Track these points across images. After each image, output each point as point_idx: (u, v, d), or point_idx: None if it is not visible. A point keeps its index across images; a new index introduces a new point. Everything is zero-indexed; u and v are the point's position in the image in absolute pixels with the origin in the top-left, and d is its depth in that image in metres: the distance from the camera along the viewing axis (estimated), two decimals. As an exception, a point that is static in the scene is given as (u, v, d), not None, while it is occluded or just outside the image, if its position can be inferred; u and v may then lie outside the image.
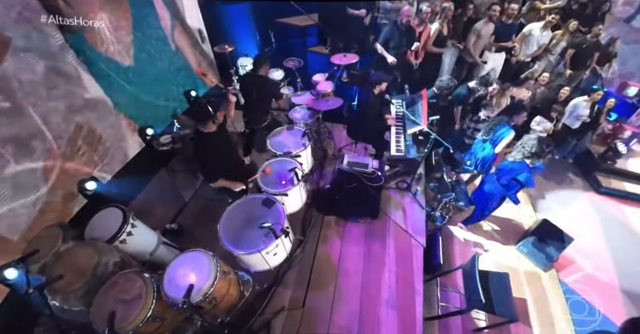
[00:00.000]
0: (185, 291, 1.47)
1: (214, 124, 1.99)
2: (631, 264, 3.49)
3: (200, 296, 1.55)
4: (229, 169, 2.22)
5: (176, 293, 1.53)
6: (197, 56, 4.59)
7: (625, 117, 4.45)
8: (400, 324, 2.35)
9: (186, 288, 1.49)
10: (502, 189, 2.83)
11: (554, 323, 2.83)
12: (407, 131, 2.80)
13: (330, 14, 4.08)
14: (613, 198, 4.32)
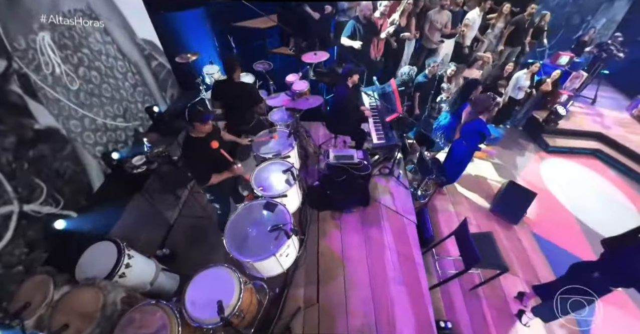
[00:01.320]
0: (214, 309, 1.45)
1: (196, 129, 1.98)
2: (584, 207, 4.11)
3: (230, 310, 1.54)
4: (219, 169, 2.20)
5: (205, 314, 1.50)
6: (153, 69, 4.33)
7: (561, 84, 5.14)
8: (410, 298, 2.52)
9: (214, 306, 1.47)
10: (467, 147, 3.16)
11: (534, 268, 3.24)
12: (386, 119, 2.97)
13: (290, 14, 4.09)
14: (560, 154, 5.00)
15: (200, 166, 2.06)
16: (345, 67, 2.98)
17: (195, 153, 2.02)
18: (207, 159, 2.07)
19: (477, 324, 2.72)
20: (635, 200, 4.40)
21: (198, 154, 2.02)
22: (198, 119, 1.92)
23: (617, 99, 6.07)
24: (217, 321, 1.43)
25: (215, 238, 2.80)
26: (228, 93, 2.83)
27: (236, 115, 2.98)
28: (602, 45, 4.89)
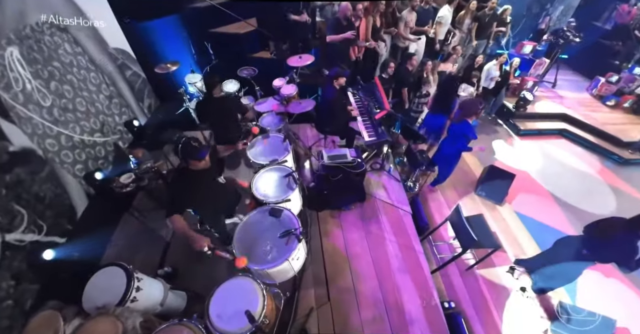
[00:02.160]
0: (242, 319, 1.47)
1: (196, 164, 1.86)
2: (558, 183, 4.48)
3: (257, 318, 1.56)
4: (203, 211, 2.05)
5: (233, 325, 1.51)
6: (127, 79, 4.16)
7: (526, 71, 5.54)
8: (415, 284, 2.66)
9: (241, 317, 1.49)
10: (457, 149, 3.35)
11: (520, 244, 3.52)
12: (375, 116, 3.07)
13: (271, 18, 4.07)
14: (531, 137, 5.40)
15: (180, 200, 1.87)
16: (332, 70, 3.04)
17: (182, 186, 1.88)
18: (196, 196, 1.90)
19: (477, 301, 2.92)
20: (601, 172, 4.88)
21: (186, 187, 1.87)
22: (193, 157, 1.81)
23: (577, 81, 6.64)
24: (248, 330, 1.45)
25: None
26: (211, 111, 2.78)
27: (223, 129, 2.95)
28: (558, 32, 5.32)
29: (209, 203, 2.04)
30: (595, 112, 5.74)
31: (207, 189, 1.99)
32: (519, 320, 2.83)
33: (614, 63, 6.20)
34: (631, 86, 5.78)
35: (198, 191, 1.90)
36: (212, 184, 2.08)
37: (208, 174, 2.00)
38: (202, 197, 1.93)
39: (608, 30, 6.56)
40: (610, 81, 5.82)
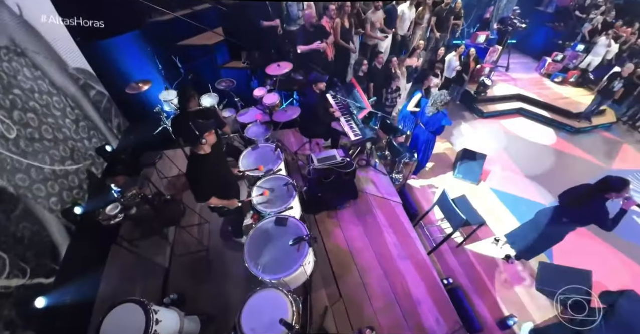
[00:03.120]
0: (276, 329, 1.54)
1: (204, 145, 2.00)
2: (523, 157, 4.98)
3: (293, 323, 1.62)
4: (222, 189, 2.25)
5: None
6: (92, 100, 3.93)
7: (482, 59, 6.01)
8: (416, 268, 2.88)
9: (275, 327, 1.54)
10: (432, 135, 3.61)
11: (499, 216, 3.89)
12: (358, 116, 3.21)
13: (240, 26, 4.02)
14: (493, 118, 5.91)
15: (204, 184, 2.08)
16: (312, 75, 3.12)
17: (200, 171, 2.03)
18: (212, 175, 2.10)
19: (470, 273, 3.23)
20: (557, 143, 5.49)
21: (204, 171, 2.04)
22: (207, 129, 1.97)
23: (526, 62, 7.33)
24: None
25: (220, 267, 2.82)
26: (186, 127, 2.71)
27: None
28: (506, 20, 5.84)
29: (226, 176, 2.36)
30: (546, 89, 6.41)
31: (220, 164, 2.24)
32: (509, 284, 3.17)
33: (558, 43, 6.93)
34: (575, 62, 6.53)
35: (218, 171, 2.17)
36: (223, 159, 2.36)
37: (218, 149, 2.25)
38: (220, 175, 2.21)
39: (550, 13, 7.30)
40: (556, 60, 6.52)
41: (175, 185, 3.75)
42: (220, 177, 2.26)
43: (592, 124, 5.78)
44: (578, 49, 6.41)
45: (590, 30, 6.49)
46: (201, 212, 3.18)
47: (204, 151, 2.03)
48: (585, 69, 6.41)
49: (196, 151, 2.04)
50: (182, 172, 3.76)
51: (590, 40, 6.46)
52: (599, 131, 5.98)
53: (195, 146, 2.01)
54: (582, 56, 6.39)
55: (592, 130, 5.90)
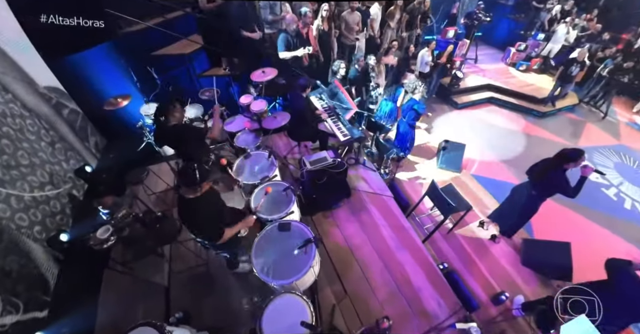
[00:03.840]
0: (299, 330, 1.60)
1: (197, 192, 1.84)
2: (497, 143, 5.31)
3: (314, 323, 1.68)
4: (228, 216, 2.17)
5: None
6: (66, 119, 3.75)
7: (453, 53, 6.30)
8: (413, 257, 3.04)
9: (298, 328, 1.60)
10: (408, 123, 3.80)
11: (482, 199, 4.16)
12: (345, 116, 3.31)
13: (218, 33, 3.96)
14: (467, 108, 6.25)
15: (210, 224, 1.93)
16: (300, 80, 3.16)
17: (202, 212, 1.88)
18: (213, 214, 1.97)
19: (462, 256, 3.44)
20: (525, 127, 5.90)
21: (205, 212, 1.89)
22: (209, 178, 1.83)
23: (493, 53, 7.76)
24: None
25: (223, 279, 2.81)
26: (170, 138, 2.63)
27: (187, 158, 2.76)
28: (472, 15, 6.17)
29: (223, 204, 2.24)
30: (512, 78, 6.86)
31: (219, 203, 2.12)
32: (498, 263, 3.42)
33: (520, 33, 7.41)
34: (537, 51, 7.02)
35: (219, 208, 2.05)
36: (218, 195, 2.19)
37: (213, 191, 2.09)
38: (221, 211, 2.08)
39: (511, 5, 7.78)
40: (519, 50, 6.99)
41: (164, 200, 3.66)
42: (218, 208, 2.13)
43: (556, 107, 6.26)
44: (539, 38, 6.90)
45: (549, 20, 7.00)
46: None
47: (195, 194, 1.84)
48: (547, 57, 6.92)
49: (184, 194, 1.84)
50: (170, 187, 3.69)
51: (550, 29, 6.97)
52: (564, 112, 6.50)
53: (187, 190, 1.83)
54: (543, 44, 6.89)
55: (557, 113, 6.39)
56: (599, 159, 5.44)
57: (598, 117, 6.48)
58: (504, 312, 2.88)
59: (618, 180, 5.03)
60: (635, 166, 5.41)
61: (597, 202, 4.55)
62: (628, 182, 5.00)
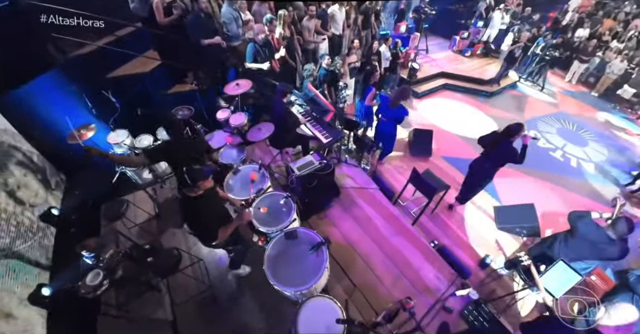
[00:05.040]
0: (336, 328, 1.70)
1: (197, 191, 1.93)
2: (457, 124, 5.83)
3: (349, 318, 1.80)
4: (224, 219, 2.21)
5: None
6: (21, 163, 3.40)
7: (407, 46, 6.74)
8: (408, 241, 3.30)
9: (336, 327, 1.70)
10: (394, 125, 4.04)
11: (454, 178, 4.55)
12: (324, 118, 3.43)
13: (179, 47, 3.80)
14: (427, 96, 6.76)
15: (208, 225, 1.99)
16: (279, 87, 3.20)
17: (200, 213, 1.95)
18: (214, 215, 2.05)
19: (447, 232, 3.80)
20: (479, 106, 6.56)
21: (203, 213, 1.95)
22: (202, 177, 1.90)
23: (440, 43, 8.41)
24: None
25: (229, 301, 2.78)
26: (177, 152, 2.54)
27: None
28: (419, 9, 6.64)
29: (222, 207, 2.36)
30: (460, 64, 7.51)
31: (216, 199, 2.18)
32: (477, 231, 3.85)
33: (462, 22, 8.10)
34: (478, 37, 7.77)
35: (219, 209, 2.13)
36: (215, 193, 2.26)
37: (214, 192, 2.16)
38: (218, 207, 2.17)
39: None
40: (463, 37, 7.69)
41: (149, 231, 3.46)
42: (218, 209, 2.24)
43: (501, 86, 7.01)
44: (478, 25, 7.66)
45: (485, 8, 7.76)
46: (190, 251, 3.03)
47: (196, 193, 1.94)
48: (487, 41, 7.70)
49: (188, 193, 1.94)
50: (152, 215, 3.53)
51: (487, 16, 7.73)
52: (508, 90, 7.30)
53: (189, 190, 1.92)
54: (482, 31, 7.66)
55: (502, 91, 7.17)
56: (543, 127, 6.23)
57: (537, 91, 7.40)
58: (491, 273, 3.26)
59: (562, 143, 5.83)
60: (574, 128, 6.31)
61: (548, 165, 5.26)
62: (570, 143, 5.83)
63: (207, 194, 2.01)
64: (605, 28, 7.80)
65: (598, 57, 7.37)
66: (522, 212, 3.81)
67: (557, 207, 4.40)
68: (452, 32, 7.96)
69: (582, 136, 6.11)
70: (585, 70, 7.61)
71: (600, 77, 7.37)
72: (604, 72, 7.23)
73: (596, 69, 7.52)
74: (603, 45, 7.46)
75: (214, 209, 2.09)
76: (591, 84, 7.67)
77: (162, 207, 3.65)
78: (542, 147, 5.68)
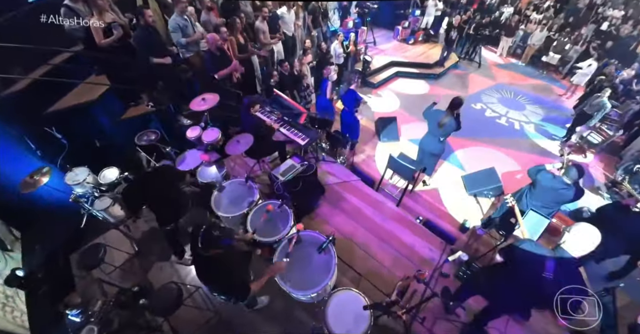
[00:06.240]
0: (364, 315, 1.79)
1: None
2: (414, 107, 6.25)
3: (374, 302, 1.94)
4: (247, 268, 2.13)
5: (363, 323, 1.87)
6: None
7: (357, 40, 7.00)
8: (397, 222, 3.55)
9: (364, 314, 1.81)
10: (350, 111, 4.26)
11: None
12: (298, 121, 3.50)
13: (126, 68, 3.52)
14: (382, 85, 7.15)
15: (233, 282, 1.84)
16: (246, 98, 3.15)
17: (220, 271, 1.79)
18: (237, 268, 1.93)
19: (426, 206, 4.14)
20: (430, 89, 7.12)
21: (224, 270, 1.79)
22: (215, 246, 1.72)
23: (385, 34, 8.86)
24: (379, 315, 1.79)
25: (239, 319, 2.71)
26: (153, 185, 2.43)
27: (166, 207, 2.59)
28: (361, 4, 6.95)
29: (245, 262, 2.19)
30: (406, 51, 8.03)
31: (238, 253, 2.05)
32: (452, 200, 4.25)
33: (401, 13, 8.61)
34: (418, 25, 8.36)
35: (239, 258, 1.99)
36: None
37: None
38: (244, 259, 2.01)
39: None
40: (404, 27, 8.23)
41: (132, 271, 3.20)
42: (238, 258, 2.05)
43: (445, 67, 7.65)
44: (416, 14, 8.27)
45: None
46: (185, 281, 2.91)
47: (211, 252, 1.73)
48: (426, 28, 8.32)
49: (200, 252, 1.73)
50: (131, 254, 3.28)
51: (422, 4, 8.33)
52: (451, 70, 7.99)
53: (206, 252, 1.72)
54: (420, 19, 8.27)
55: (447, 72, 7.83)
56: (487, 99, 6.96)
57: (475, 67, 8.20)
58: (471, 236, 3.63)
59: (504, 110, 6.59)
60: (512, 96, 7.15)
61: (497, 131, 5.92)
62: (511, 110, 6.62)
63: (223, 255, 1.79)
64: (525, 3, 8.90)
65: (522, 30, 8.38)
66: (485, 177, 4.29)
67: (512, 166, 5.00)
68: (394, 23, 8.46)
69: (520, 102, 6.96)
70: (512, 43, 8.61)
71: (525, 48, 8.40)
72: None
73: (521, 41, 8.57)
74: (525, 19, 8.49)
75: (236, 260, 1.95)
76: (519, 55, 8.72)
77: (141, 243, 3.40)
78: (489, 117, 6.37)
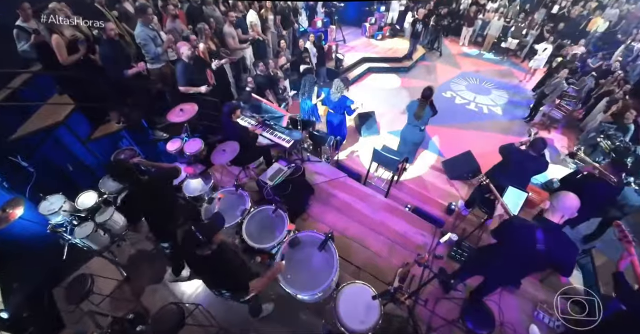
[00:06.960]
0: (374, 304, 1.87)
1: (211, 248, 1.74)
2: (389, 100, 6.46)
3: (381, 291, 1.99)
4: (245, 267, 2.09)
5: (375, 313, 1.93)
6: None
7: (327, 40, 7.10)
8: (389, 213, 3.67)
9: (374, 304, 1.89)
10: (343, 116, 4.35)
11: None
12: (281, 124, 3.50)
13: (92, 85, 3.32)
14: (357, 82, 7.29)
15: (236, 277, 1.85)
16: (225, 106, 3.10)
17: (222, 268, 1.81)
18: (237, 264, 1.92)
19: (413, 194, 4.29)
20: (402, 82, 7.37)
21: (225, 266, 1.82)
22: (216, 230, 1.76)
23: (354, 31, 9.02)
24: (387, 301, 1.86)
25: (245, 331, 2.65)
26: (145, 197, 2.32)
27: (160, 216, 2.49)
28: (328, 4, 7.03)
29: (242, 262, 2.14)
30: (376, 47, 8.24)
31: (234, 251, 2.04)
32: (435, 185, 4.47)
33: (367, 10, 8.81)
34: (384, 21, 8.61)
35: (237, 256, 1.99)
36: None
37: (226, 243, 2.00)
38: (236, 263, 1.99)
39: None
40: (371, 23, 8.45)
41: (124, 298, 3.05)
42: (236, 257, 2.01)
43: (414, 60, 7.94)
44: (381, 10, 8.52)
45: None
46: (183, 300, 2.83)
47: (211, 249, 1.74)
48: (392, 23, 8.59)
49: (203, 253, 1.73)
50: (120, 280, 3.12)
51: (386, 0, 8.57)
52: (420, 62, 8.30)
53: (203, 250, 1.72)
54: (386, 15, 8.51)
55: (416, 64, 8.13)
56: (455, 87, 7.33)
57: (437, 56, 8.60)
58: (457, 217, 3.82)
59: (472, 96, 6.97)
60: (478, 82, 7.56)
61: (468, 116, 6.27)
62: (479, 95, 7.02)
63: (220, 247, 1.81)
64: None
65: (480, 19, 8.87)
66: (464, 160, 4.53)
67: (486, 147, 5.28)
68: (361, 20, 8.65)
69: (485, 87, 7.39)
70: (473, 33, 9.09)
71: (485, 36, 8.91)
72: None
73: (481, 30, 9.07)
74: (481, 8, 9.00)
75: (234, 257, 1.94)
76: (480, 43, 9.22)
77: (129, 268, 3.24)
78: (460, 103, 6.72)
